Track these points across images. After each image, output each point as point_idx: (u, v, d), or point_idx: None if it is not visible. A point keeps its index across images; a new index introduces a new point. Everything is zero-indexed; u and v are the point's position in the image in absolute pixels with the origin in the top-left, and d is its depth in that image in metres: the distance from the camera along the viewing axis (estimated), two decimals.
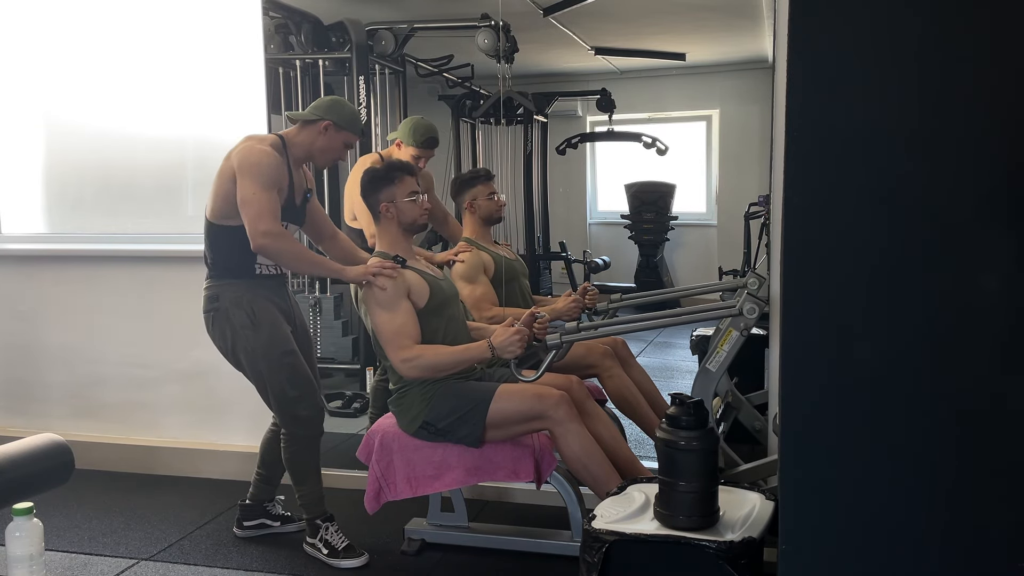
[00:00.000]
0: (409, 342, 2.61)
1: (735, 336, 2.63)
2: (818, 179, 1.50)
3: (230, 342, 2.79)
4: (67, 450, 2.26)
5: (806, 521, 1.58)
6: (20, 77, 3.93)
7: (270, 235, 2.63)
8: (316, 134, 2.79)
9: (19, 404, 4.01)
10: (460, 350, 2.65)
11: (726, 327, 2.65)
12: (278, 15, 3.71)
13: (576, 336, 2.65)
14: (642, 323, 2.85)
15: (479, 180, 3.30)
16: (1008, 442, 1.46)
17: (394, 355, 2.62)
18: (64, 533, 3.15)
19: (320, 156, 2.85)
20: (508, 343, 2.56)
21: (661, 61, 3.98)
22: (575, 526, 2.73)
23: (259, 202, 2.64)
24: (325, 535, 2.86)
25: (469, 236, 3.31)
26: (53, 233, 4.01)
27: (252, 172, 2.66)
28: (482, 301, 3.16)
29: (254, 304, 2.76)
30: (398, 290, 2.64)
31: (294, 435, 2.84)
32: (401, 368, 2.63)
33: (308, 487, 2.88)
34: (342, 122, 2.79)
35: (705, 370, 2.69)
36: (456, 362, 2.64)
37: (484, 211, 3.28)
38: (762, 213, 3.39)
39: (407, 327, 2.62)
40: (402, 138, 3.36)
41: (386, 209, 2.72)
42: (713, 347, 2.68)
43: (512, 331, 2.57)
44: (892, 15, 1.46)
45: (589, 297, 3.16)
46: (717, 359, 2.67)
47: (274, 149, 2.74)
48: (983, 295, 1.45)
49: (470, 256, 3.22)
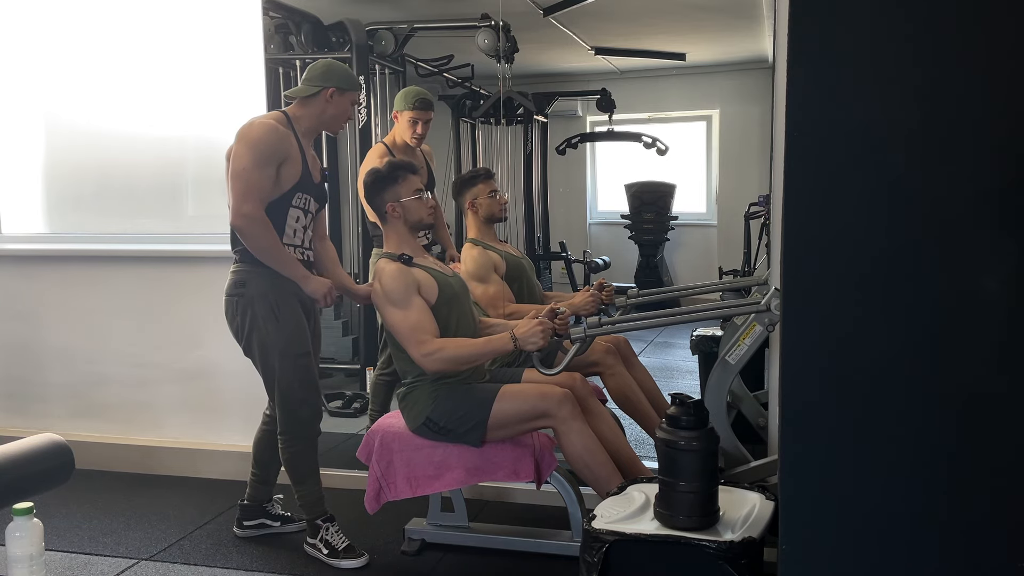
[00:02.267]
0: (428, 336, 2.60)
1: (758, 331, 2.61)
2: (818, 179, 1.50)
3: (247, 330, 2.75)
4: (67, 450, 2.26)
5: (806, 521, 1.58)
6: (20, 77, 3.93)
7: (249, 218, 2.61)
8: (323, 103, 2.76)
9: (19, 404, 4.01)
10: (482, 342, 2.65)
11: (749, 321, 2.63)
12: (278, 15, 3.71)
13: (599, 330, 2.66)
14: (663, 319, 2.86)
15: (479, 179, 3.29)
16: (1008, 442, 1.47)
17: (415, 350, 2.60)
18: (64, 533, 3.15)
19: (332, 123, 2.83)
20: (531, 335, 2.56)
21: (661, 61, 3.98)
22: (575, 526, 2.73)
23: (248, 180, 2.62)
24: (325, 535, 2.86)
25: (474, 237, 3.30)
26: (53, 233, 4.01)
27: (249, 145, 2.65)
28: (497, 299, 3.16)
29: (280, 299, 2.73)
30: (408, 287, 2.64)
31: (294, 435, 2.84)
32: (423, 362, 2.60)
33: (307, 487, 2.87)
34: (344, 84, 2.78)
35: (724, 363, 2.67)
36: (479, 354, 2.64)
37: (486, 210, 3.27)
38: (762, 213, 3.39)
39: (423, 322, 2.62)
40: (396, 107, 3.41)
41: (392, 209, 2.72)
42: (734, 340, 2.66)
43: (535, 323, 2.58)
44: (892, 15, 1.46)
45: (606, 293, 3.15)
46: (737, 352, 2.64)
47: (279, 123, 2.72)
48: (982, 294, 1.45)
49: (479, 255, 3.22)
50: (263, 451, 3.04)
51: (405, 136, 3.40)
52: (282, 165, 2.69)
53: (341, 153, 3.95)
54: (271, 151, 2.66)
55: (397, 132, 3.43)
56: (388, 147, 3.41)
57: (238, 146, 2.67)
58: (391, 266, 2.67)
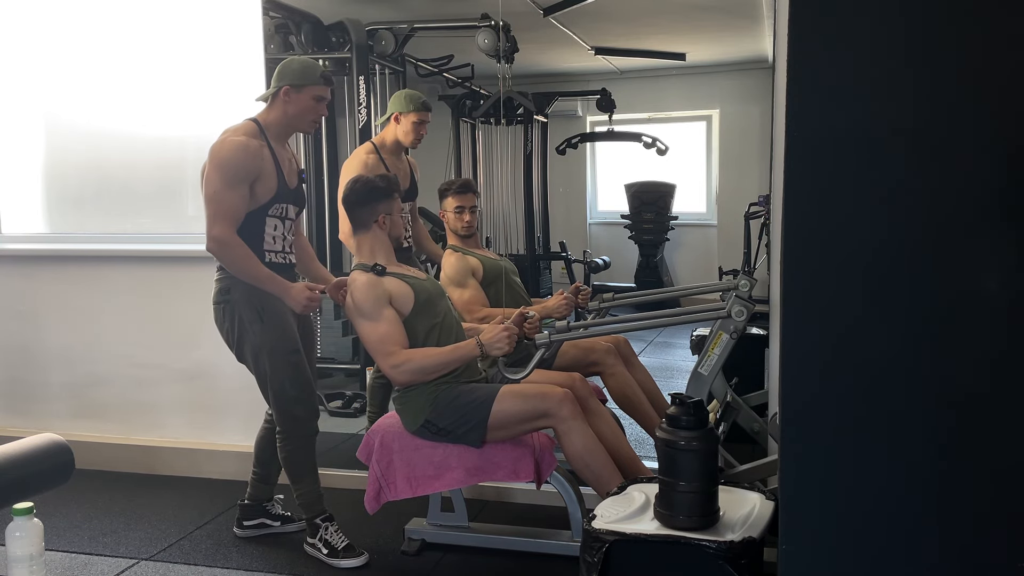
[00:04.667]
0: (395, 348, 2.62)
1: (725, 339, 2.63)
2: (818, 179, 1.50)
3: (236, 335, 2.78)
4: (67, 450, 2.26)
5: (806, 521, 1.58)
6: (20, 77, 3.93)
7: (219, 241, 2.64)
8: (282, 104, 2.74)
9: (19, 404, 4.01)
10: (448, 350, 2.65)
11: (716, 330, 2.64)
12: (278, 15, 3.71)
13: (566, 335, 2.66)
14: (633, 323, 2.86)
15: (450, 191, 3.31)
16: (1008, 442, 1.46)
17: (383, 362, 2.64)
18: (64, 533, 3.15)
19: (299, 122, 2.79)
20: (496, 340, 2.58)
21: (661, 61, 3.98)
22: (575, 526, 2.73)
23: (219, 202, 2.63)
24: (325, 535, 2.86)
25: (452, 244, 3.33)
26: (53, 233, 4.01)
27: (219, 168, 2.65)
28: (471, 303, 3.20)
29: (264, 300, 2.74)
30: (378, 300, 2.64)
31: (290, 433, 2.84)
32: (391, 374, 2.64)
33: (305, 486, 2.87)
34: (298, 80, 2.72)
35: (697, 374, 2.70)
36: (445, 362, 2.64)
37: (450, 223, 3.30)
38: (762, 213, 3.39)
39: (391, 334, 2.63)
40: (399, 109, 3.34)
41: (383, 221, 2.74)
42: (704, 351, 2.68)
43: (500, 328, 2.60)
44: (892, 15, 1.46)
45: (581, 296, 3.18)
46: (708, 363, 2.67)
47: (249, 136, 2.71)
48: (982, 294, 1.45)
49: (456, 261, 3.25)
50: (264, 449, 3.04)
51: (407, 138, 3.37)
52: (255, 182, 2.70)
53: (341, 154, 3.95)
54: (242, 171, 2.66)
55: (391, 133, 3.38)
56: (376, 147, 3.37)
57: (209, 167, 2.67)
58: (362, 277, 2.68)
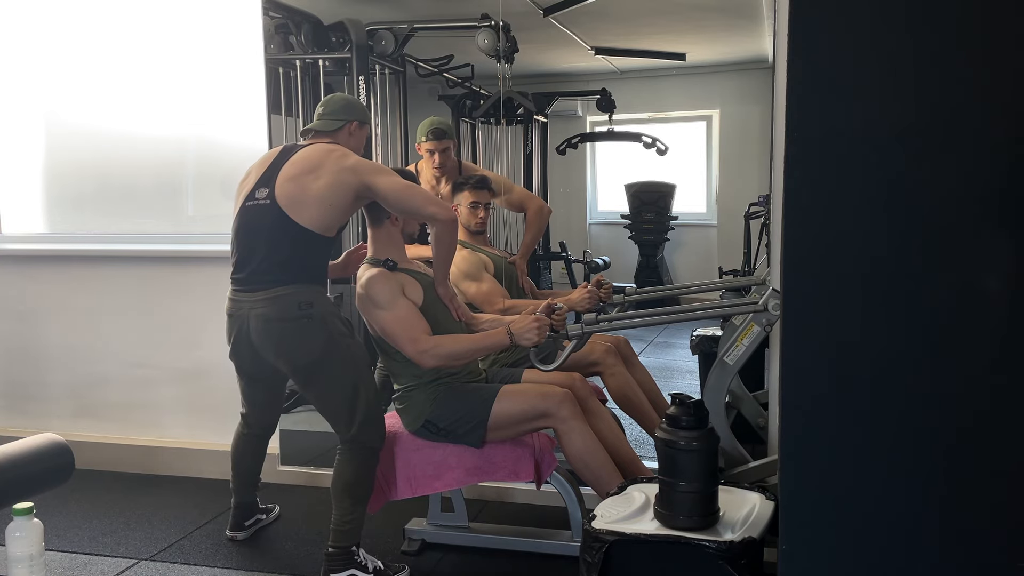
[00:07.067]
0: (420, 333, 2.59)
1: (756, 331, 2.60)
2: (818, 179, 1.50)
3: (320, 351, 2.61)
4: (67, 450, 2.26)
5: (806, 521, 1.58)
6: (21, 77, 3.94)
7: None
8: (346, 137, 2.81)
9: (19, 404, 4.01)
10: (479, 337, 2.65)
11: (747, 322, 2.62)
12: (278, 15, 3.70)
13: (597, 328, 2.65)
14: (662, 316, 2.85)
15: (466, 186, 3.31)
16: (1008, 442, 1.46)
17: (410, 348, 2.59)
18: (64, 533, 3.15)
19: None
20: (527, 330, 2.57)
21: (661, 61, 3.97)
22: (575, 526, 2.73)
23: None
24: (361, 559, 2.66)
25: (463, 239, 3.32)
26: (53, 233, 4.02)
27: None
28: (491, 295, 3.15)
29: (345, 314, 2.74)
30: (393, 290, 2.63)
31: (372, 450, 2.66)
32: (419, 359, 2.58)
33: (360, 510, 2.65)
34: (365, 117, 2.90)
35: (722, 363, 2.66)
36: (475, 349, 2.64)
37: (463, 218, 3.29)
38: (762, 213, 3.39)
39: (412, 320, 2.61)
40: (417, 139, 3.45)
41: (395, 217, 2.74)
42: (732, 340, 2.65)
43: (532, 319, 2.59)
44: (892, 15, 1.46)
45: (604, 290, 3.15)
46: (735, 353, 2.63)
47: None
48: (982, 295, 1.45)
49: (468, 255, 3.23)
50: (244, 457, 3.00)
51: (427, 172, 3.43)
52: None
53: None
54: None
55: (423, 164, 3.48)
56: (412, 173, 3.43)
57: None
58: (374, 271, 2.67)
